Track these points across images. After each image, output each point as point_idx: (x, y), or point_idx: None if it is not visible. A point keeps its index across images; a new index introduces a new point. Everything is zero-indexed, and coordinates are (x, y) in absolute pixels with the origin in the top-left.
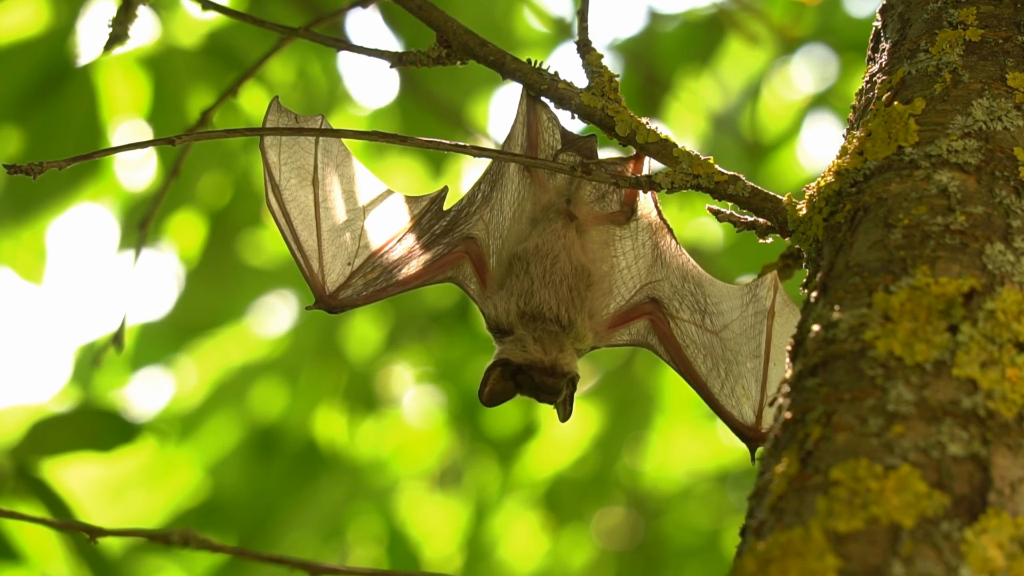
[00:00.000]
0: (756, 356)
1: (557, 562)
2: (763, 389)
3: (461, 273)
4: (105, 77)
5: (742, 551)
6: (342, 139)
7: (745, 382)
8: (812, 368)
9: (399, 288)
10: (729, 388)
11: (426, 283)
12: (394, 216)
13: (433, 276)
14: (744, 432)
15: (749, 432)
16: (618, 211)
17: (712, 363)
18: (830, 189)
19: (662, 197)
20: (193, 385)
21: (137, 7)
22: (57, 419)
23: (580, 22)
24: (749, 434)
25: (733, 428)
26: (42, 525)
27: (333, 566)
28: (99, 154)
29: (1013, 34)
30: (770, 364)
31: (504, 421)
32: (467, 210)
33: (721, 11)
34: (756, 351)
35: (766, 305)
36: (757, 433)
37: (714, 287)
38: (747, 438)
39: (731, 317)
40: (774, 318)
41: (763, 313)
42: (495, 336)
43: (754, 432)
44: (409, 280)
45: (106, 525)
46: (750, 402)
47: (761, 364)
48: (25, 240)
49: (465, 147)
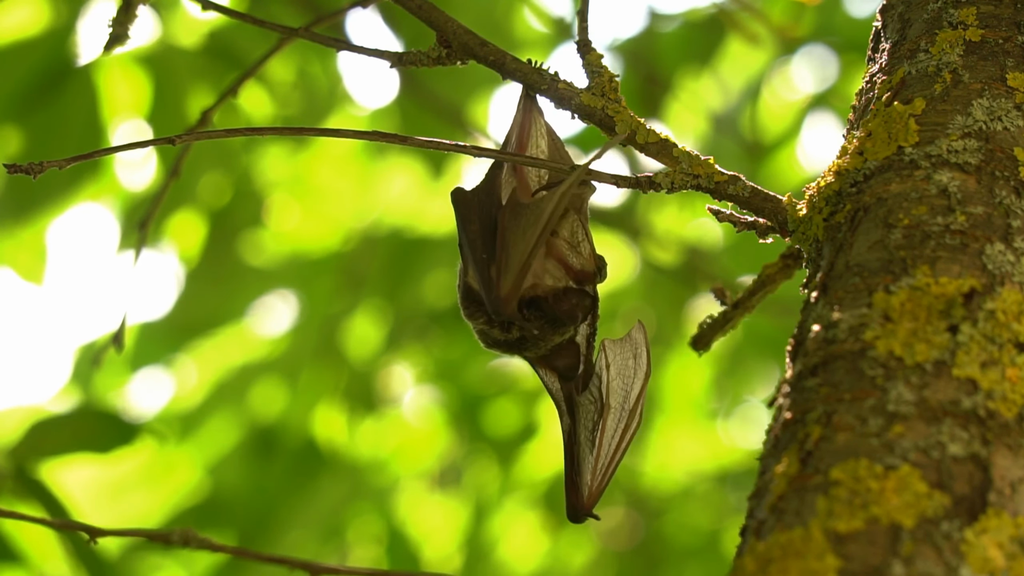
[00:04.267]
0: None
1: (557, 562)
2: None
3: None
4: (105, 77)
5: (742, 551)
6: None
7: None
8: (812, 368)
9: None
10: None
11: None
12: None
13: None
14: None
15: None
16: (578, 268)
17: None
18: (830, 189)
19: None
20: (193, 385)
21: (137, 7)
22: (56, 420)
23: (580, 22)
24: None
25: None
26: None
27: (333, 566)
28: (99, 154)
29: (1013, 34)
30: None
31: (504, 421)
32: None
33: (721, 11)
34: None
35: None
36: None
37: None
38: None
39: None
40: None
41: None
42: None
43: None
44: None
45: (105, 525)
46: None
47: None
48: (25, 240)
49: (465, 147)
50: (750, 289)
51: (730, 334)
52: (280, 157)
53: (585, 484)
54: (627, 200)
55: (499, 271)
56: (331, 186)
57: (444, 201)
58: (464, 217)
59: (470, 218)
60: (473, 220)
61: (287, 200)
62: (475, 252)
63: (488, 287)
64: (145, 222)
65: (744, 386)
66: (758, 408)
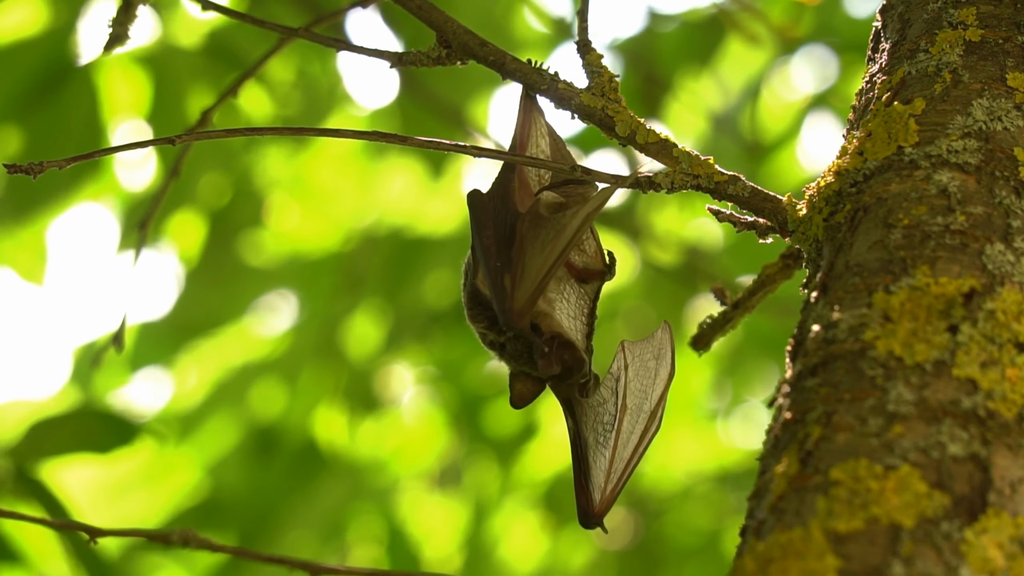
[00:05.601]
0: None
1: (557, 562)
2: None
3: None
4: (105, 77)
5: (742, 551)
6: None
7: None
8: (812, 368)
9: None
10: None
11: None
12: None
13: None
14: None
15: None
16: (581, 267)
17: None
18: (830, 189)
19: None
20: (193, 385)
21: (137, 7)
22: (56, 420)
23: (580, 22)
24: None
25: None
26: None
27: (333, 566)
28: (99, 154)
29: (1013, 34)
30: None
31: (504, 421)
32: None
33: (721, 11)
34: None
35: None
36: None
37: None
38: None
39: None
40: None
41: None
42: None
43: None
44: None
45: (105, 525)
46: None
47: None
48: (25, 240)
49: (465, 147)
50: (750, 289)
51: (730, 334)
52: (280, 157)
53: (597, 488)
54: (627, 200)
55: (514, 282)
56: (331, 186)
57: (444, 201)
58: (479, 221)
59: (485, 223)
60: (488, 225)
61: (287, 200)
62: (488, 259)
63: (501, 296)
64: (145, 222)
65: (744, 386)
66: (758, 408)
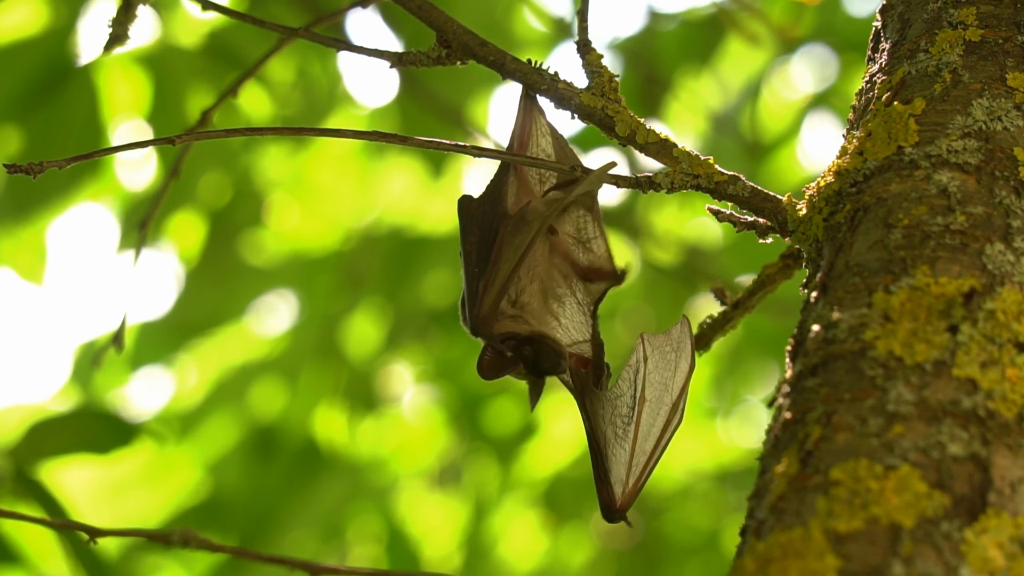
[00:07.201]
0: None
1: (556, 561)
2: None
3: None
4: (105, 77)
5: (742, 551)
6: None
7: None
8: (812, 368)
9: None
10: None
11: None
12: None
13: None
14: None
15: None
16: (585, 265)
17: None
18: (830, 189)
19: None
20: (193, 385)
21: (137, 7)
22: (56, 420)
23: (580, 22)
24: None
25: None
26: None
27: (333, 566)
28: (99, 154)
29: (1013, 34)
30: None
31: (503, 420)
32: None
33: (721, 11)
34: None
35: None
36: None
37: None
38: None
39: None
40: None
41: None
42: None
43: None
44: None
45: (105, 525)
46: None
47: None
48: (25, 240)
49: (465, 147)
50: (750, 289)
51: (730, 334)
52: (280, 157)
53: (619, 481)
54: (627, 200)
55: (486, 286)
56: (331, 186)
57: (444, 201)
58: (465, 228)
59: (471, 229)
60: (473, 231)
61: (287, 200)
62: (468, 264)
63: (472, 302)
64: (145, 222)
65: (744, 386)
66: (758, 408)
